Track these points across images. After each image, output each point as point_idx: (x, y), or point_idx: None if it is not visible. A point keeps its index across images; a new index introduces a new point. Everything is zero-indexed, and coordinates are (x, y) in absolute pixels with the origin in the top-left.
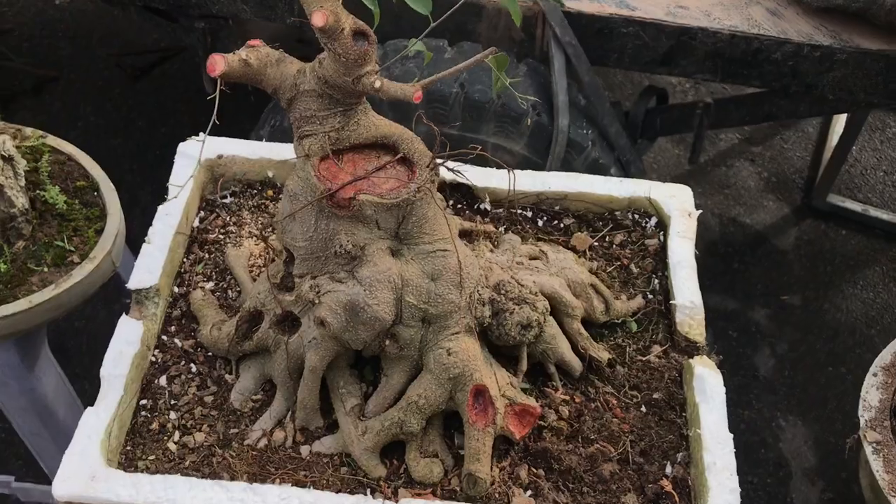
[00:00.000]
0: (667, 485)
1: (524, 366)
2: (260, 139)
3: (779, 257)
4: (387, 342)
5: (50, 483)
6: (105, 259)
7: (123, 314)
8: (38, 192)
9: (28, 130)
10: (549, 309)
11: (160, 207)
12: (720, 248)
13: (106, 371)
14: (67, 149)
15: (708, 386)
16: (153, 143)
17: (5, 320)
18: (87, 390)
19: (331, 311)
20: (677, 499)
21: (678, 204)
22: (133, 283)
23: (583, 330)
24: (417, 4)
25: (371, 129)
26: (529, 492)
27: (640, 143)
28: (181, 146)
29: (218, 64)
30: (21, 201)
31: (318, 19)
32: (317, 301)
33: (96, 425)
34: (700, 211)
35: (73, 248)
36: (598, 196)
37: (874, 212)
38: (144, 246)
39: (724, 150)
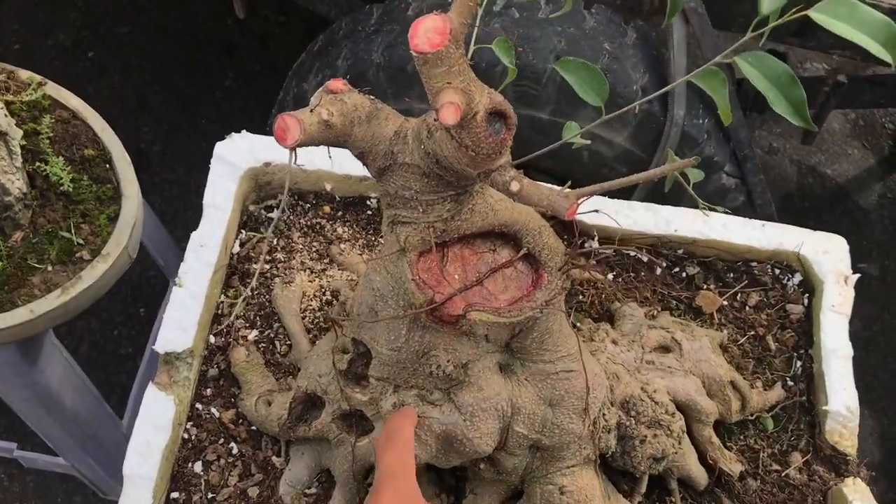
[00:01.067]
0: None
1: (643, 488)
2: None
3: (860, 217)
4: (482, 465)
5: (54, 454)
6: (121, 255)
7: (150, 384)
8: (37, 164)
9: (23, 74)
10: (685, 428)
11: (193, 235)
12: (796, 202)
13: (130, 469)
14: (73, 103)
15: None
16: (172, 80)
17: (2, 332)
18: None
19: (419, 440)
20: None
21: (832, 264)
22: (162, 345)
23: (714, 438)
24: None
25: (488, 217)
26: None
27: (748, 115)
28: (218, 148)
29: (292, 130)
30: (17, 185)
31: (448, 116)
32: None
33: None
34: (859, 275)
35: (81, 241)
36: (733, 245)
37: None
38: (175, 291)
39: (807, 79)
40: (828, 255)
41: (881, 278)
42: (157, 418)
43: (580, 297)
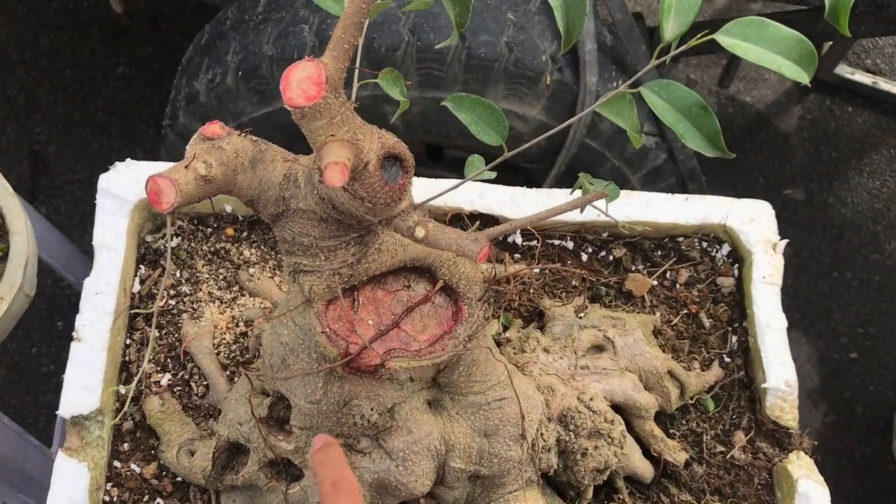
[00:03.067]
0: None
1: (589, 495)
2: (175, 126)
3: (780, 142)
4: (422, 501)
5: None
6: (17, 296)
7: (59, 451)
8: None
9: None
10: (626, 431)
11: (86, 283)
12: None
13: None
14: None
15: None
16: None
17: None
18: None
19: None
20: None
21: (759, 232)
22: (67, 409)
23: (656, 430)
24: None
25: (398, 254)
26: None
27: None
28: (102, 181)
29: (166, 194)
30: None
31: (335, 178)
32: None
33: None
34: (787, 241)
35: None
36: (658, 223)
37: (885, 84)
38: (74, 346)
39: (721, 8)
40: (754, 223)
41: (807, 202)
42: (71, 489)
43: (507, 296)
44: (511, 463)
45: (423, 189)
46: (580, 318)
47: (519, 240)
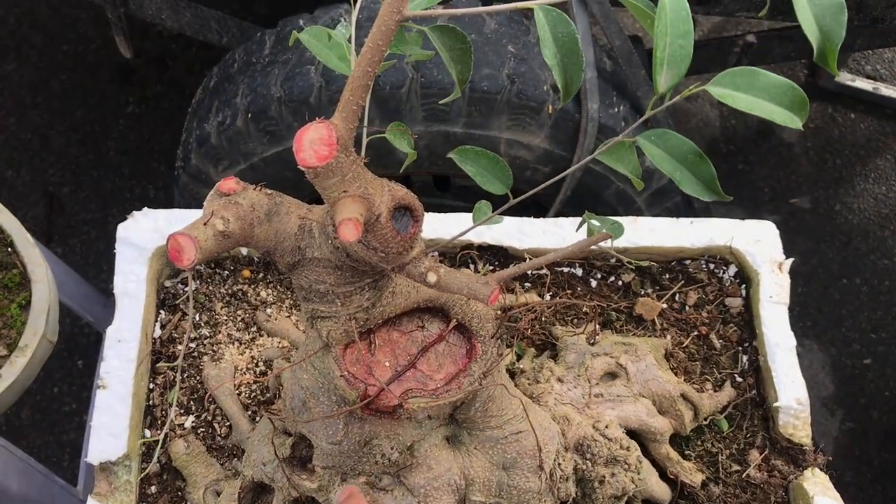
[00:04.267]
0: None
1: None
2: (188, 168)
3: (784, 151)
4: None
5: None
6: (41, 343)
7: (90, 497)
8: None
9: None
10: (642, 457)
11: (109, 331)
12: (722, 146)
13: None
14: None
15: None
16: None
17: None
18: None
19: None
20: None
21: (765, 253)
22: (95, 456)
23: (672, 453)
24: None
25: (411, 296)
26: None
27: None
28: (120, 230)
29: (186, 251)
30: None
31: (349, 234)
32: None
33: None
34: (792, 259)
35: None
36: (665, 248)
37: (886, 90)
38: (99, 394)
39: (720, 22)
40: (759, 244)
41: (813, 210)
42: None
43: (519, 322)
44: (530, 494)
45: (432, 223)
46: (592, 345)
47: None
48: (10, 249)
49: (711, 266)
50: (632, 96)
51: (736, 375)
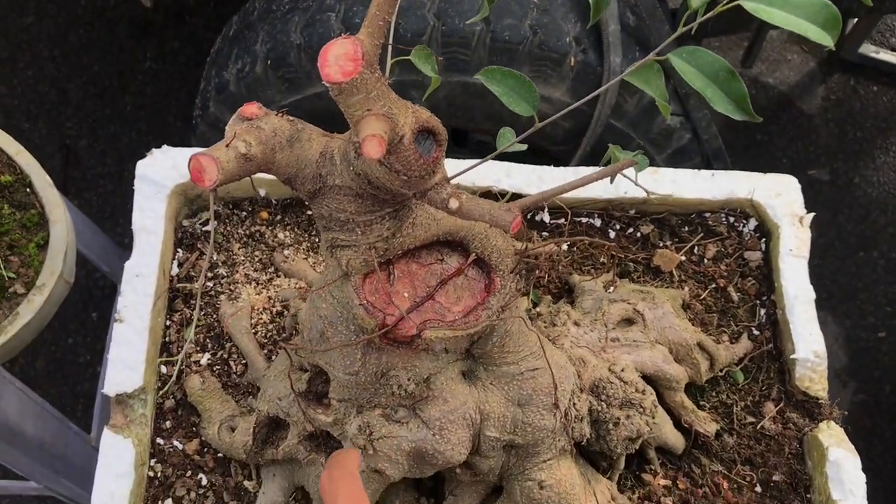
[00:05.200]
0: None
1: (622, 465)
2: (206, 116)
3: (804, 123)
4: (458, 470)
5: (25, 479)
6: (57, 283)
7: (105, 428)
8: None
9: None
10: (657, 401)
11: (127, 266)
12: None
13: None
14: None
15: (847, 476)
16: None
17: None
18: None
19: (390, 461)
20: None
21: (786, 206)
22: (112, 388)
23: (687, 401)
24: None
25: (431, 228)
26: None
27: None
28: (140, 167)
29: (208, 171)
30: None
31: (373, 150)
32: (370, 450)
33: None
34: (813, 214)
35: (13, 274)
36: (685, 200)
37: None
38: (116, 327)
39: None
40: (780, 197)
41: (832, 182)
42: (117, 464)
43: (537, 272)
44: (545, 432)
45: (452, 167)
46: (609, 292)
47: (547, 218)
48: (28, 190)
49: (731, 219)
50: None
51: (753, 328)
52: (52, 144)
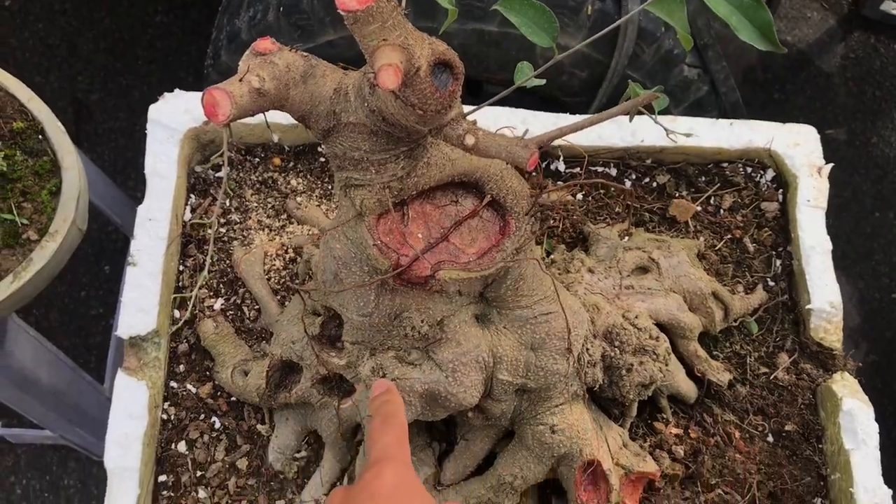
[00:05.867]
0: None
1: (633, 412)
2: (217, 65)
3: (823, 82)
4: (470, 414)
5: (40, 428)
6: (70, 230)
7: (119, 370)
8: None
9: None
10: (670, 348)
11: (140, 209)
12: (759, 74)
13: (112, 462)
14: None
15: (860, 426)
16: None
17: None
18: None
19: (403, 402)
20: None
21: (804, 157)
22: (125, 330)
23: (700, 351)
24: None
25: (446, 168)
26: None
27: None
28: (152, 111)
29: (221, 105)
30: None
31: (388, 81)
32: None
33: None
34: (832, 165)
35: (26, 221)
36: (702, 149)
37: None
38: (129, 271)
39: None
40: (799, 147)
41: (849, 142)
42: (131, 406)
43: (551, 221)
44: (557, 376)
45: (468, 110)
46: (624, 240)
47: (562, 167)
48: (40, 137)
49: (749, 170)
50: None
51: (768, 279)
52: (63, 98)
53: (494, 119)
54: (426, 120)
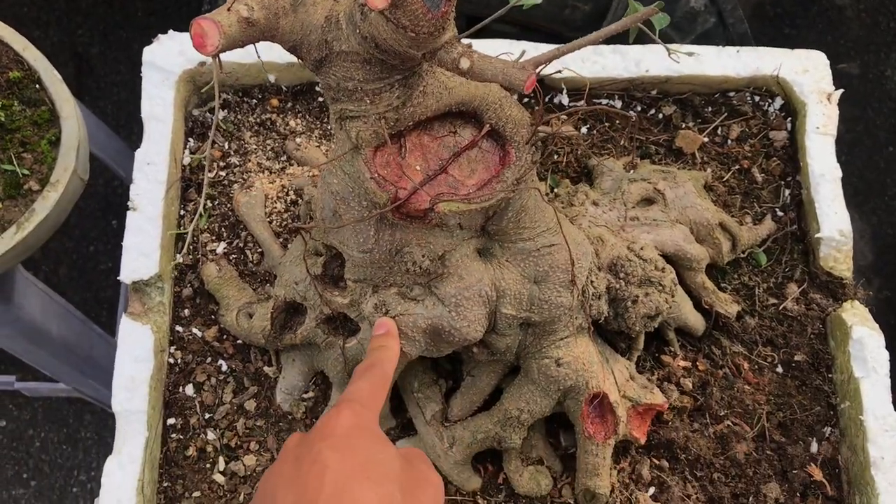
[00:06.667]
0: (816, 472)
1: (640, 345)
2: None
3: (834, 15)
4: (475, 349)
5: (54, 381)
6: (72, 179)
7: (123, 315)
8: None
9: None
10: (676, 280)
11: (137, 154)
12: (769, 8)
13: (119, 406)
14: None
15: (870, 353)
16: None
17: None
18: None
19: (407, 338)
20: (830, 490)
21: (813, 83)
22: (128, 275)
23: (708, 282)
24: None
25: (443, 97)
26: (653, 488)
27: None
28: (146, 53)
29: (210, 35)
30: None
31: (378, 0)
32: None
33: (124, 483)
34: (842, 91)
35: (27, 171)
36: (708, 77)
37: None
38: (130, 215)
39: None
40: (808, 74)
41: (862, 76)
42: (136, 350)
43: (555, 156)
44: (561, 309)
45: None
46: (630, 172)
47: (565, 100)
48: (38, 86)
49: (756, 98)
50: None
51: (777, 209)
52: (64, 52)
53: (494, 52)
54: (419, 43)
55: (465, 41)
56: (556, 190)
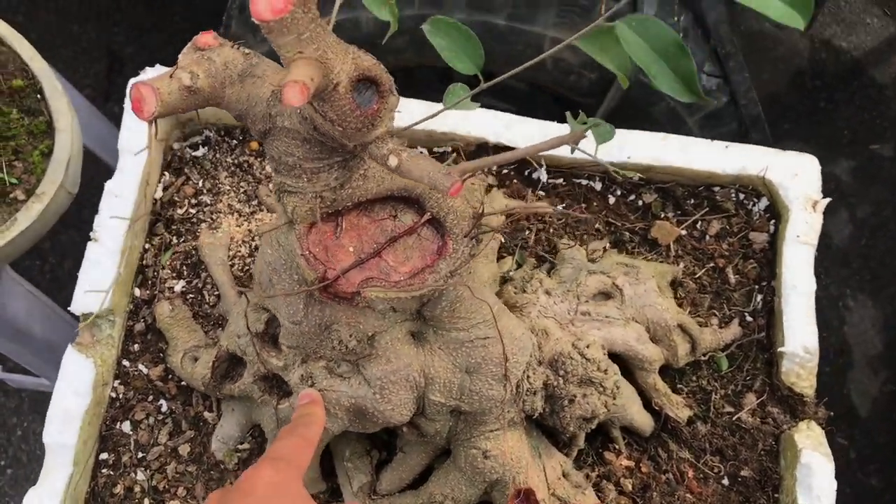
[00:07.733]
0: None
1: (581, 442)
2: (227, 36)
3: (875, 94)
4: (404, 429)
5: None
6: (58, 193)
7: (70, 346)
8: None
9: None
10: (619, 385)
11: (107, 185)
12: (807, 80)
13: (50, 438)
14: None
15: (816, 481)
16: None
17: None
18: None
19: (329, 414)
20: None
21: (801, 188)
22: (78, 307)
23: (660, 384)
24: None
25: (384, 182)
26: None
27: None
28: (131, 85)
29: (147, 101)
30: None
31: (293, 98)
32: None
33: None
34: (829, 200)
35: (15, 180)
36: (694, 171)
37: None
38: (90, 246)
39: None
40: (797, 178)
41: (894, 158)
42: (76, 383)
43: (526, 232)
44: (492, 402)
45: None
46: (592, 262)
47: (544, 176)
48: (39, 97)
49: (741, 196)
50: (694, 6)
51: (746, 314)
52: (98, 49)
53: (476, 122)
54: (348, 136)
55: (441, 118)
56: (511, 273)
